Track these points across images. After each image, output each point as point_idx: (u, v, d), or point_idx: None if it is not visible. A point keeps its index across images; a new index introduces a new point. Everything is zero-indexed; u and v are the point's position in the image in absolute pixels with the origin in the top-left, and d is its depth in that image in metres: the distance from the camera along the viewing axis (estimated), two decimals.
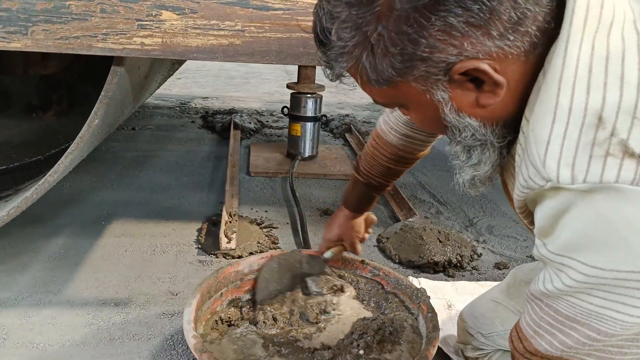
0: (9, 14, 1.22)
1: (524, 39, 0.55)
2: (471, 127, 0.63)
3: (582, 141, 0.53)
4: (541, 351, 0.65)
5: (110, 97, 1.39)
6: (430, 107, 0.62)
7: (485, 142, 0.65)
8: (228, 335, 1.20)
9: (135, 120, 3.51)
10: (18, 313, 1.42)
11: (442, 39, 0.54)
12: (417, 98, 0.62)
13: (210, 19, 1.28)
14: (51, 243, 1.80)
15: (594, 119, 0.52)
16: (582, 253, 0.57)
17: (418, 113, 0.67)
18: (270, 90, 5.00)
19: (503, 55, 0.55)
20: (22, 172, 1.99)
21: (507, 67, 0.56)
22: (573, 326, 0.62)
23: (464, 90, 0.59)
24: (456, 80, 0.58)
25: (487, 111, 0.61)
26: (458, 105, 0.61)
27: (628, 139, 0.52)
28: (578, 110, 0.53)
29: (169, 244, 1.87)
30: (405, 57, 0.56)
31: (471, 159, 0.68)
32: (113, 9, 1.24)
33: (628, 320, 0.58)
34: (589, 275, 0.57)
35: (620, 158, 0.52)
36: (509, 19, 0.53)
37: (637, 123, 0.51)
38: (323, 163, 2.80)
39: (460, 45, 0.54)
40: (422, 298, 1.23)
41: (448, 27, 0.53)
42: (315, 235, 2.00)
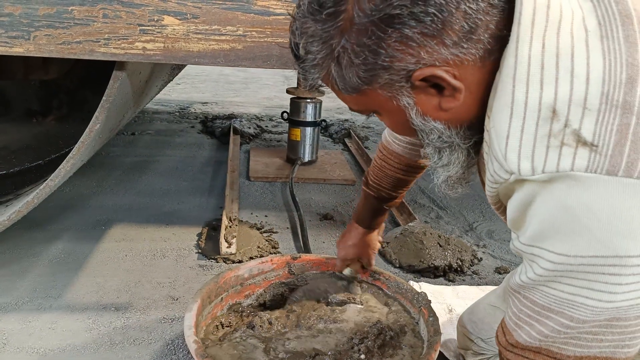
0: (12, 19, 1.23)
1: (478, 46, 0.59)
2: (437, 129, 0.66)
3: (539, 134, 0.56)
4: (521, 342, 0.66)
5: (112, 102, 1.40)
6: (398, 112, 0.66)
7: (452, 144, 0.69)
8: (228, 339, 1.20)
9: (134, 126, 3.51)
10: (18, 318, 1.42)
11: (400, 49, 0.58)
12: (386, 104, 0.66)
13: (212, 24, 1.28)
14: (51, 248, 1.80)
15: (548, 112, 0.56)
16: (549, 242, 0.59)
17: (389, 119, 0.71)
18: (270, 95, 5.01)
19: (459, 61, 0.59)
20: (22, 177, 1.99)
21: (465, 72, 0.60)
22: (548, 315, 0.63)
23: (427, 96, 0.63)
24: (418, 87, 0.62)
25: (450, 114, 0.64)
26: (423, 109, 0.65)
27: (580, 129, 0.55)
28: (533, 105, 0.56)
29: (169, 248, 1.87)
30: (368, 66, 0.61)
31: (442, 159, 0.71)
32: (115, 14, 1.24)
33: (597, 305, 0.59)
34: (557, 262, 0.59)
35: (574, 147, 0.55)
36: (460, 28, 0.57)
37: (587, 113, 0.54)
38: (323, 168, 2.81)
39: (417, 54, 0.58)
40: (422, 302, 1.23)
41: (404, 38, 0.57)
42: (315, 240, 2.00)
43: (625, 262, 0.56)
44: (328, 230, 2.11)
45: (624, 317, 0.60)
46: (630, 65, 0.54)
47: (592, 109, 0.54)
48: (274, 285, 1.38)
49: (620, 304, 0.59)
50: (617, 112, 0.54)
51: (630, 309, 0.59)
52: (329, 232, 2.09)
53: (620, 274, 0.57)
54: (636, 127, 0.54)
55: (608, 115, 0.54)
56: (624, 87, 0.54)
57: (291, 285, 1.39)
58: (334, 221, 2.20)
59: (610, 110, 0.54)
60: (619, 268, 0.57)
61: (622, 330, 0.61)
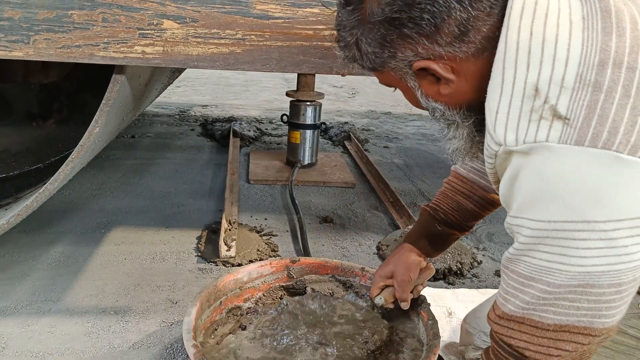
0: (11, 23, 1.23)
1: (469, 46, 0.69)
2: (439, 109, 0.78)
3: (523, 109, 0.64)
4: (507, 313, 0.71)
5: (111, 105, 1.40)
6: (409, 91, 0.80)
7: (454, 122, 0.79)
8: (227, 344, 1.19)
9: (134, 128, 3.52)
10: (17, 322, 1.42)
11: (400, 44, 0.71)
12: (399, 83, 0.80)
13: (211, 27, 1.28)
14: (51, 251, 1.80)
15: (532, 91, 0.63)
16: (528, 211, 0.66)
17: (405, 94, 0.84)
18: (270, 98, 5.01)
19: (453, 57, 0.70)
20: (22, 180, 1.99)
21: (460, 65, 0.71)
22: (530, 284, 0.68)
23: (428, 82, 0.75)
24: (419, 74, 0.75)
25: (449, 98, 0.76)
26: (426, 92, 0.77)
27: (557, 105, 0.62)
28: (519, 84, 0.64)
29: (169, 251, 1.86)
30: (378, 55, 0.74)
31: (449, 134, 0.82)
32: (115, 18, 1.25)
33: (570, 269, 0.64)
34: (534, 229, 0.65)
35: (550, 120, 0.62)
36: (452, 32, 0.68)
37: (564, 91, 0.62)
38: (322, 170, 2.81)
39: (414, 49, 0.71)
40: (422, 306, 1.23)
41: (404, 36, 0.70)
42: (315, 243, 2.00)
43: (593, 227, 0.61)
44: (328, 233, 2.11)
45: (597, 284, 0.64)
46: (602, 51, 0.61)
47: (568, 87, 0.62)
48: (273, 288, 1.38)
49: (590, 268, 0.63)
50: (588, 90, 0.61)
51: (602, 276, 0.63)
52: (329, 235, 2.09)
53: (588, 239, 0.62)
54: (604, 103, 0.60)
55: (580, 93, 0.61)
56: (596, 68, 0.61)
57: (290, 288, 1.39)
58: (333, 224, 2.20)
59: (582, 89, 0.61)
60: (587, 233, 0.62)
61: (597, 298, 0.65)
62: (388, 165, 3.10)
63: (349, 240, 2.06)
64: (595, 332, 0.66)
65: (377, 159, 3.18)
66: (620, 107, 0.60)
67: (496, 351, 0.74)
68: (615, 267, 0.63)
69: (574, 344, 0.67)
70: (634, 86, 0.60)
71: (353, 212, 2.35)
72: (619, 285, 0.64)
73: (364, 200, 2.51)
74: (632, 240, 0.62)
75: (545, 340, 0.68)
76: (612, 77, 0.60)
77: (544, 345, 0.68)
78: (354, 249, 1.99)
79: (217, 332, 1.24)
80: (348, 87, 5.93)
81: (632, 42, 0.61)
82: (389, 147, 3.55)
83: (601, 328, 0.66)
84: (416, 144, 3.67)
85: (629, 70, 0.60)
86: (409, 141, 3.75)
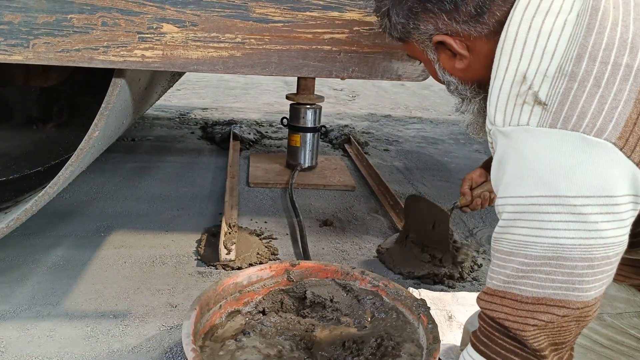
0: (11, 27, 1.23)
1: (483, 27, 0.77)
2: (453, 82, 0.87)
3: (511, 93, 0.72)
4: (491, 288, 0.77)
5: (111, 108, 1.40)
6: (429, 63, 0.88)
7: (465, 96, 0.88)
8: (226, 348, 1.19)
9: (134, 132, 3.52)
10: (17, 325, 1.42)
11: (423, 17, 0.80)
12: (421, 56, 0.89)
13: (211, 31, 1.29)
14: (50, 255, 1.80)
15: (520, 77, 0.71)
16: (510, 189, 0.72)
17: (426, 66, 0.92)
18: (270, 101, 5.02)
19: (468, 35, 0.78)
20: (21, 184, 1.99)
21: (474, 44, 0.79)
22: (510, 259, 0.73)
23: (446, 56, 0.84)
24: (438, 48, 0.83)
25: (462, 73, 0.84)
26: (443, 65, 0.85)
27: (539, 91, 0.69)
28: (512, 71, 0.72)
29: (169, 255, 1.86)
30: (404, 26, 0.83)
31: (462, 107, 0.90)
32: (114, 22, 1.25)
33: (544, 242, 0.69)
34: (514, 204, 0.71)
35: (532, 105, 0.70)
36: (468, 12, 0.76)
37: (546, 79, 0.70)
38: (322, 174, 2.81)
39: (435, 24, 0.80)
40: (422, 309, 1.22)
41: (427, 10, 0.79)
42: (314, 246, 2.00)
43: (564, 202, 0.67)
44: (328, 237, 2.11)
45: (570, 257, 0.69)
46: (581, 45, 0.68)
47: (549, 76, 0.69)
48: (272, 292, 1.38)
49: (563, 241, 0.68)
50: (564, 79, 0.68)
51: (573, 249, 0.68)
52: (329, 239, 2.09)
53: (560, 212, 0.68)
54: (576, 91, 0.67)
55: (558, 81, 0.69)
56: (574, 60, 0.68)
57: (290, 292, 1.39)
58: (333, 227, 2.20)
59: (560, 78, 0.69)
60: (559, 207, 0.67)
61: (570, 271, 0.69)
62: (388, 168, 3.10)
63: (349, 244, 2.06)
64: (570, 305, 0.71)
65: (377, 162, 3.18)
66: (590, 95, 0.67)
67: (482, 327, 0.79)
68: (587, 242, 0.68)
69: (550, 315, 0.71)
70: (604, 78, 0.67)
71: (353, 215, 2.35)
72: (590, 260, 0.69)
73: (364, 203, 2.51)
74: (602, 217, 0.67)
75: (523, 312, 0.73)
76: (586, 69, 0.67)
77: (522, 316, 0.73)
78: (354, 252, 1.99)
79: (217, 335, 1.24)
80: (348, 90, 5.93)
81: (608, 41, 0.68)
82: (389, 150, 3.55)
83: (575, 301, 0.71)
84: (416, 147, 3.67)
85: (601, 64, 0.67)
86: (409, 144, 3.75)
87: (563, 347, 0.75)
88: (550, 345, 0.74)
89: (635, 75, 0.67)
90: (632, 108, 0.66)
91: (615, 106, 0.66)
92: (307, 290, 1.38)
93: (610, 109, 0.66)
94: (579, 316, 0.72)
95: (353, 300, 1.37)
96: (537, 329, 0.72)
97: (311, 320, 1.34)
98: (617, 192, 0.67)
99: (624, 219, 0.69)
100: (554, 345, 0.74)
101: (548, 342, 0.73)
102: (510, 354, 0.75)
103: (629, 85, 0.67)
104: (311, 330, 1.29)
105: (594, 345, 0.99)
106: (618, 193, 0.67)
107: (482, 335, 0.79)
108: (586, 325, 0.75)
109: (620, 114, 0.66)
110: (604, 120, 0.66)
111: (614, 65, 0.67)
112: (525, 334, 0.72)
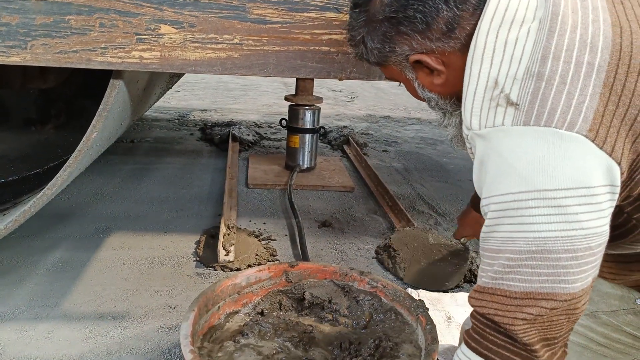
0: (9, 29, 1.23)
1: (456, 42, 0.80)
2: (433, 99, 0.89)
3: (485, 98, 0.75)
4: (481, 286, 0.78)
5: (109, 110, 1.40)
6: (408, 82, 0.91)
7: (447, 110, 0.91)
8: (225, 349, 1.19)
9: (133, 133, 3.52)
10: (15, 327, 1.41)
11: (398, 39, 0.83)
12: (400, 76, 0.91)
13: (209, 32, 1.29)
14: (49, 256, 1.80)
15: (492, 83, 0.75)
16: (492, 188, 0.74)
17: (406, 86, 0.94)
18: (269, 103, 5.02)
19: (442, 51, 0.82)
20: (20, 186, 1.99)
21: (449, 58, 0.82)
22: (498, 256, 0.75)
23: (423, 74, 0.87)
24: (415, 67, 0.86)
25: (441, 88, 0.87)
26: (422, 82, 0.88)
27: (510, 93, 0.73)
28: (484, 78, 0.76)
29: (167, 256, 1.86)
30: (380, 50, 0.86)
31: (444, 122, 0.93)
32: (112, 23, 1.25)
33: (527, 236, 0.72)
34: (498, 203, 0.73)
35: (505, 107, 0.73)
36: (440, 29, 0.80)
37: (516, 82, 0.73)
38: (321, 175, 2.81)
39: (410, 44, 0.83)
40: (420, 310, 1.22)
41: (401, 32, 0.82)
42: (313, 247, 2.00)
43: (543, 196, 0.69)
44: (326, 238, 2.11)
45: (553, 250, 0.70)
46: (545, 48, 0.72)
47: (518, 79, 0.73)
48: (271, 293, 1.38)
49: (545, 234, 0.70)
50: (532, 80, 0.72)
51: (556, 242, 0.70)
52: (328, 240, 2.09)
53: (540, 206, 0.70)
54: (544, 89, 0.71)
55: (527, 82, 0.72)
56: (539, 62, 0.72)
57: (289, 293, 1.39)
58: (332, 228, 2.20)
59: (528, 79, 0.72)
60: (538, 201, 0.70)
61: (555, 263, 0.71)
62: (387, 169, 3.10)
63: (348, 245, 2.06)
64: (557, 297, 0.72)
65: (376, 163, 3.18)
66: (557, 92, 0.70)
67: (473, 324, 0.80)
68: (568, 234, 0.70)
69: (538, 308, 0.72)
70: (569, 76, 0.71)
71: (352, 216, 2.35)
72: (574, 252, 0.70)
73: (363, 204, 2.51)
74: (581, 208, 0.69)
75: (512, 307, 0.74)
76: (551, 68, 0.71)
77: (512, 310, 0.74)
78: (352, 253, 1.99)
79: (216, 337, 1.24)
80: (347, 91, 5.94)
81: (569, 42, 0.72)
82: (387, 151, 3.55)
83: (562, 293, 0.72)
84: (415, 148, 3.68)
85: (565, 63, 0.71)
86: (407, 145, 3.75)
87: (555, 342, 0.76)
88: (541, 341, 0.74)
89: (597, 71, 0.70)
90: (598, 101, 0.69)
91: (582, 101, 0.69)
92: (305, 292, 1.38)
93: (578, 104, 0.69)
94: (567, 309, 0.73)
95: (352, 301, 1.37)
96: (527, 323, 0.73)
97: (310, 321, 1.34)
98: (594, 182, 0.69)
99: (603, 209, 0.70)
100: (546, 340, 0.75)
101: (539, 337, 0.74)
102: (501, 350, 0.76)
103: (593, 80, 0.70)
104: (310, 332, 1.29)
105: (590, 343, 0.99)
106: (595, 184, 0.69)
107: (474, 333, 0.80)
108: (577, 320, 0.76)
109: (588, 107, 0.69)
110: (574, 115, 0.69)
111: (576, 64, 0.71)
112: (515, 328, 0.73)
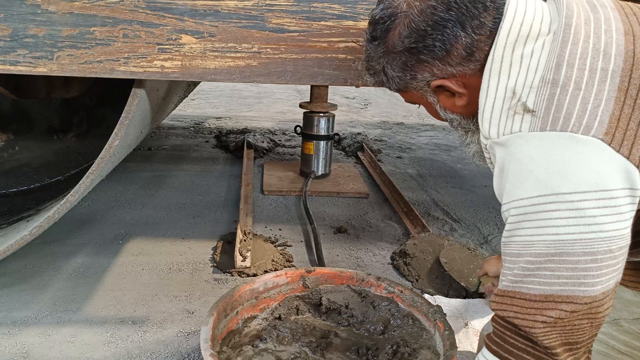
0: (36, 40, 1.27)
1: (475, 64, 0.83)
2: (455, 119, 0.92)
3: (503, 107, 0.78)
4: (502, 289, 0.79)
5: (131, 118, 1.43)
6: (430, 105, 0.94)
7: (469, 129, 0.93)
8: (244, 353, 1.20)
9: (151, 141, 3.57)
10: (38, 331, 1.45)
11: (419, 67, 0.86)
12: (421, 100, 0.94)
13: (228, 41, 1.31)
14: (70, 262, 1.83)
15: (510, 93, 0.78)
16: (512, 193, 0.76)
17: (427, 109, 0.97)
18: (283, 110, 5.06)
19: (462, 74, 0.84)
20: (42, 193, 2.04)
21: (469, 80, 0.85)
22: (518, 260, 0.76)
23: (445, 97, 0.89)
24: (437, 91, 0.89)
25: (463, 109, 0.89)
26: (444, 105, 0.91)
27: (526, 101, 0.76)
28: (502, 88, 0.79)
29: (185, 262, 1.89)
30: (401, 78, 0.89)
31: (466, 140, 0.96)
32: (135, 34, 1.28)
33: (546, 239, 0.73)
34: (518, 207, 0.75)
35: (522, 114, 0.76)
36: (459, 54, 0.82)
37: (532, 90, 0.76)
38: (336, 181, 2.82)
39: (431, 71, 0.85)
40: (438, 316, 1.22)
41: (421, 61, 0.85)
42: (329, 253, 2.01)
43: (561, 199, 0.70)
44: (342, 244, 2.11)
45: (572, 252, 0.71)
46: (559, 56, 0.75)
47: (534, 87, 0.76)
48: (288, 298, 1.39)
49: (563, 237, 0.71)
50: (548, 87, 0.75)
51: (575, 244, 0.71)
52: (343, 245, 2.10)
53: (558, 210, 0.71)
54: (560, 95, 0.73)
55: (542, 90, 0.75)
56: (553, 69, 0.75)
57: (306, 298, 1.40)
58: (347, 234, 2.21)
59: (544, 86, 0.75)
60: (557, 204, 0.71)
61: (574, 266, 0.71)
62: (401, 176, 3.10)
63: (363, 250, 2.06)
64: (577, 300, 0.72)
65: (390, 169, 3.18)
66: (572, 98, 0.72)
67: (494, 328, 0.80)
68: (587, 236, 0.70)
69: (558, 311, 0.72)
70: (584, 82, 0.73)
71: (367, 222, 2.36)
72: (593, 254, 0.71)
73: (378, 210, 2.51)
74: (600, 211, 0.70)
75: (532, 310, 0.74)
76: (566, 75, 0.74)
77: (531, 313, 0.74)
78: (368, 259, 1.99)
79: (235, 341, 1.25)
80: (360, 98, 5.95)
81: (582, 50, 0.75)
82: (402, 157, 3.55)
83: (582, 296, 0.72)
84: (429, 154, 3.67)
85: (579, 70, 0.73)
86: (421, 151, 3.75)
87: (578, 347, 0.76)
88: (563, 345, 0.74)
89: (611, 77, 0.72)
90: (613, 105, 0.71)
91: (597, 105, 0.71)
92: (322, 297, 1.39)
93: (593, 108, 0.71)
94: (588, 312, 0.73)
95: (368, 307, 1.38)
96: (547, 326, 0.73)
97: (327, 326, 1.34)
98: (612, 185, 0.69)
99: (623, 212, 0.71)
100: (568, 344, 0.75)
101: (560, 340, 0.74)
102: (522, 353, 0.76)
103: (607, 85, 0.72)
104: (327, 337, 1.29)
105: (611, 351, 0.98)
106: (613, 187, 0.69)
107: (495, 336, 0.80)
108: (600, 325, 0.76)
109: (604, 111, 0.70)
110: (589, 119, 0.70)
111: (590, 70, 0.73)
112: (535, 330, 0.74)
